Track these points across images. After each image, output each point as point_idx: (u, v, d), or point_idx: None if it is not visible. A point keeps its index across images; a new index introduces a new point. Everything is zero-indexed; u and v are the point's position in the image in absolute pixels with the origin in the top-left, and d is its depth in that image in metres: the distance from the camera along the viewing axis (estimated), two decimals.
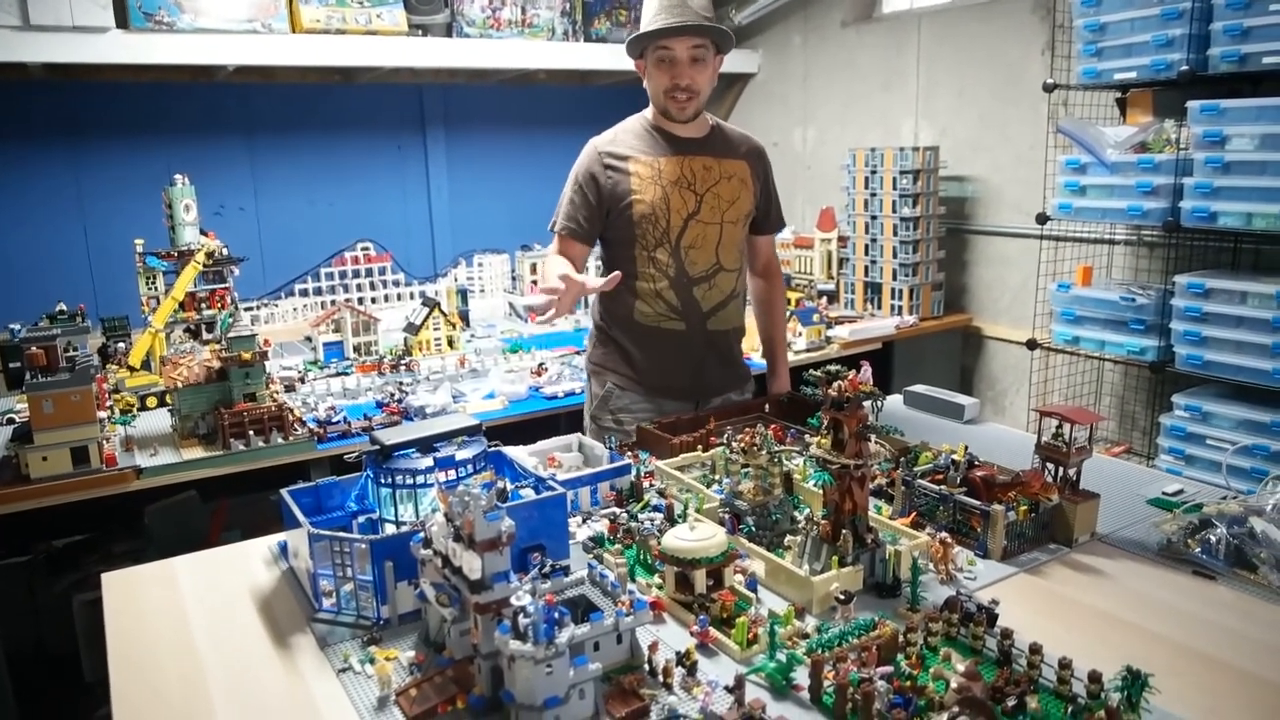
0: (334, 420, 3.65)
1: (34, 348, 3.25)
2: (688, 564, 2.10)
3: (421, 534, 2.01)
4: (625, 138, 2.96)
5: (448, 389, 4.01)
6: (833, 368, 2.34)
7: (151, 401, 3.90)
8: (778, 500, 2.49)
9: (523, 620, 1.63)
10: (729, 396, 3.42)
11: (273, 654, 2.04)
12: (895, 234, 5.42)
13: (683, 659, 1.90)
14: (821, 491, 2.33)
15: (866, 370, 2.25)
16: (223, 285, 4.35)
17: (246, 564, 2.49)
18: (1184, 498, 2.71)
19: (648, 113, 3.01)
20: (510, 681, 1.66)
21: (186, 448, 3.43)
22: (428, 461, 2.32)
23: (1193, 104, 3.84)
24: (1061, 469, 2.50)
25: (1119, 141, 4.15)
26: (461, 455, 2.37)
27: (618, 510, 2.61)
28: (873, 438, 2.26)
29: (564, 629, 1.66)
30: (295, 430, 3.42)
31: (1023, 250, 5.30)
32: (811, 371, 2.36)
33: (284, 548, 2.52)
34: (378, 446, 2.34)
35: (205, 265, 4.11)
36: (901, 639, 1.93)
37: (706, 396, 3.34)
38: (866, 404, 2.21)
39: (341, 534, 2.12)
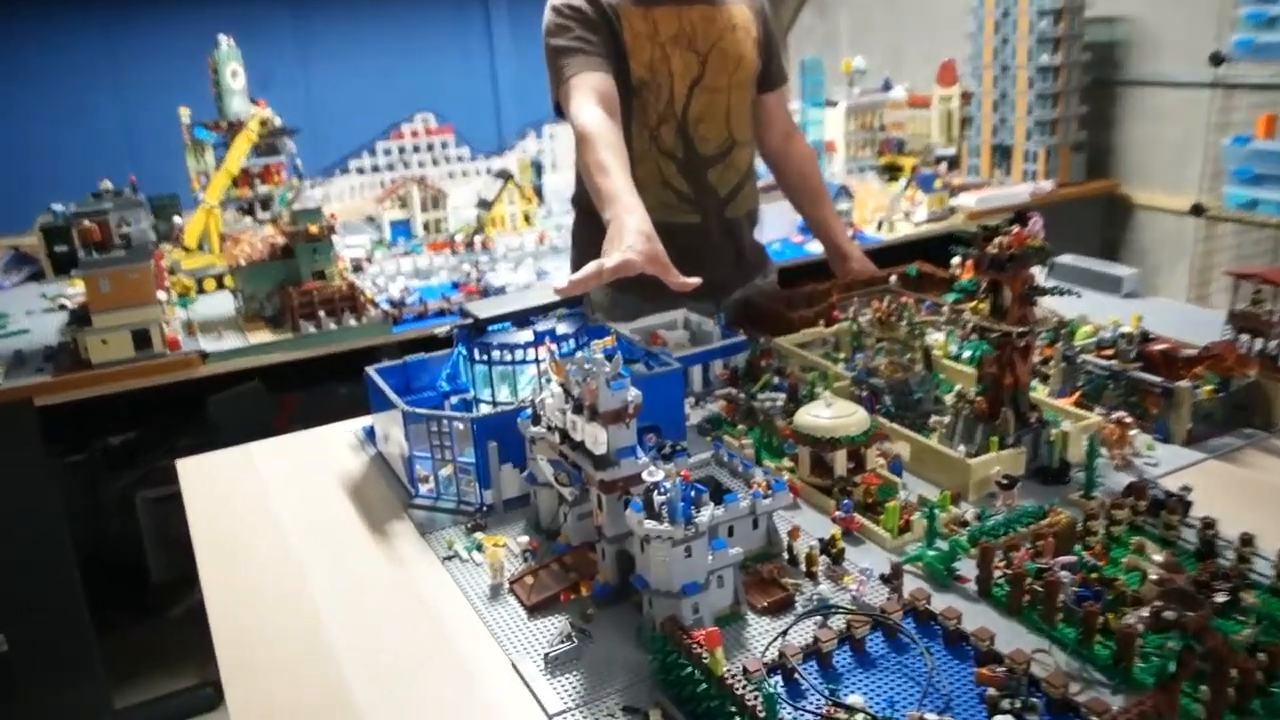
0: (408, 301, 3.63)
1: (87, 223, 3.25)
2: (825, 444, 2.03)
3: (529, 410, 1.97)
4: None
5: (530, 266, 3.95)
6: (992, 222, 2.21)
7: (210, 284, 3.93)
8: (918, 377, 2.41)
9: (658, 498, 1.59)
10: (753, 284, 3.24)
11: (370, 542, 2.05)
12: (1030, 87, 5.11)
13: (827, 546, 1.84)
14: (977, 365, 2.22)
15: (1037, 222, 2.10)
16: (277, 159, 4.31)
17: (329, 450, 2.50)
18: None
19: None
20: (643, 566, 1.63)
21: (252, 331, 3.43)
22: (526, 336, 2.29)
23: None
24: (1261, 341, 2.33)
25: None
26: (562, 329, 2.33)
27: (733, 390, 2.57)
28: (1039, 302, 2.13)
29: (703, 508, 1.60)
30: (369, 311, 3.41)
31: (1185, 102, 4.93)
32: (965, 229, 2.21)
33: (370, 432, 2.53)
34: (471, 320, 2.32)
35: (259, 135, 4.07)
36: (1080, 528, 1.84)
37: (726, 293, 3.14)
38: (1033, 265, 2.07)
39: (440, 413, 2.11)
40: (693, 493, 1.62)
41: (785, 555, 1.87)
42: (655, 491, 1.60)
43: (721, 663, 1.39)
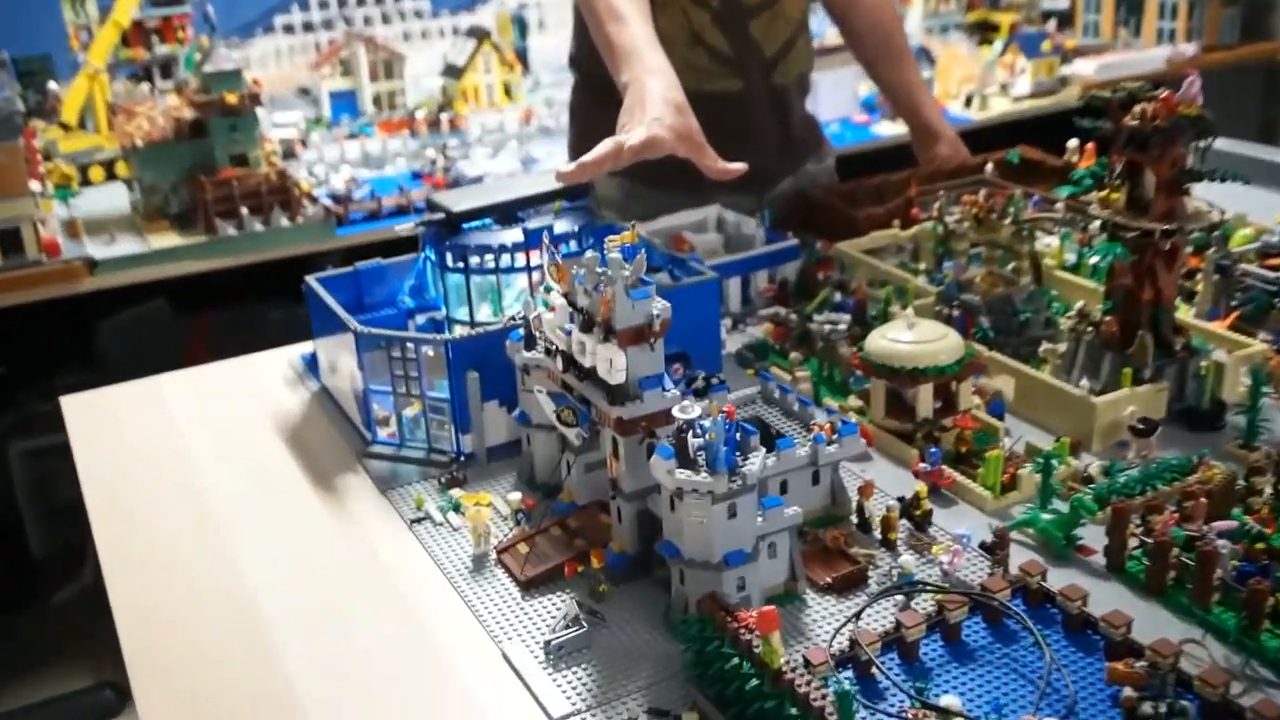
0: (356, 196, 3.61)
1: None
2: (906, 377, 2.00)
3: (521, 331, 1.94)
4: None
5: (513, 152, 3.90)
6: (1131, 85, 2.15)
7: (97, 173, 3.88)
8: (1025, 292, 2.37)
9: (694, 441, 1.56)
10: (805, 171, 3.21)
11: (315, 502, 2.05)
12: None
13: (909, 508, 1.83)
14: (1105, 275, 2.18)
15: (1194, 83, 2.04)
16: (180, 9, 4.24)
17: (258, 385, 2.49)
18: None
19: None
20: (672, 529, 1.61)
21: (154, 233, 3.41)
22: (514, 235, 2.27)
23: None
24: None
25: None
26: (561, 228, 2.29)
27: (781, 310, 2.55)
28: (1192, 191, 2.08)
29: (752, 454, 1.58)
30: (305, 209, 3.36)
31: None
32: (1097, 95, 2.16)
33: (311, 362, 2.51)
34: (442, 216, 2.28)
35: None
36: (1241, 486, 1.82)
37: (772, 183, 3.09)
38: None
39: (404, 334, 2.09)
40: (739, 435, 1.59)
41: (854, 519, 1.86)
42: (690, 433, 1.57)
43: (779, 652, 1.38)
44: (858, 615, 1.61)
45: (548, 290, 1.82)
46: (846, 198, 2.97)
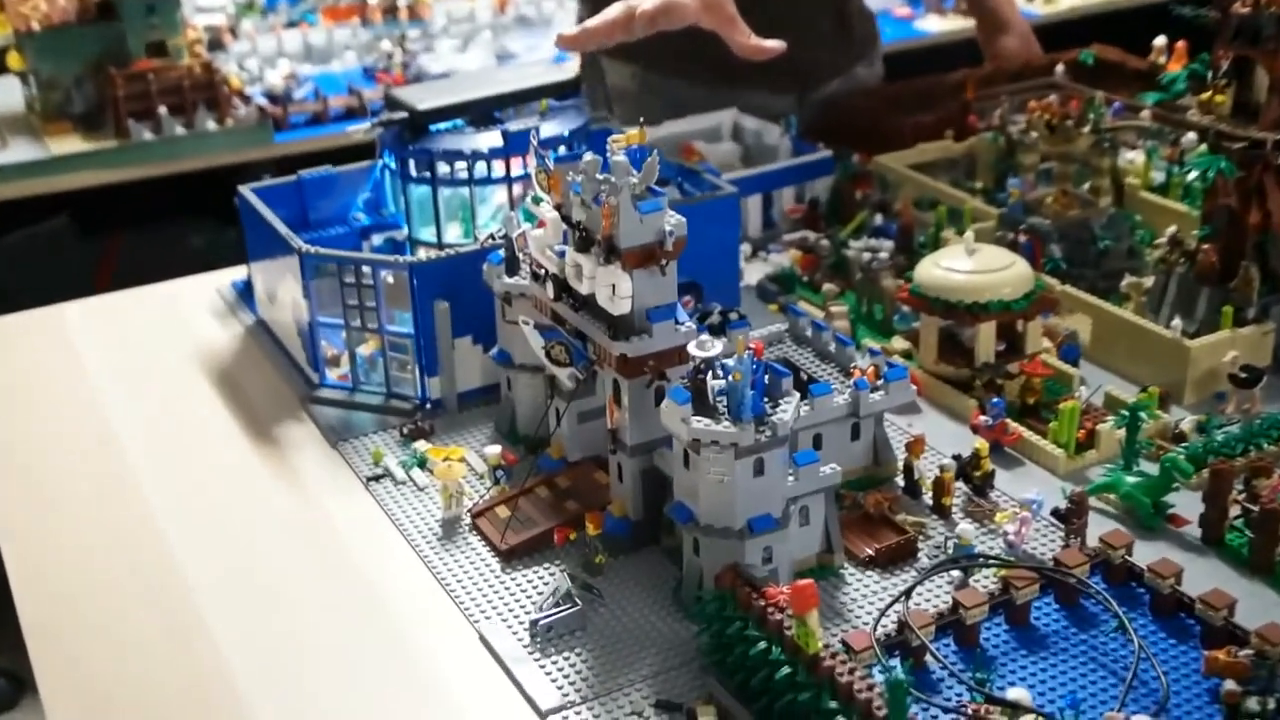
0: (296, 95, 3.59)
1: None
2: (964, 313, 1.99)
3: (501, 252, 1.92)
4: None
5: (487, 45, 3.86)
6: None
7: None
8: (1104, 216, 2.36)
9: (714, 383, 1.54)
10: (854, 74, 3.18)
11: (252, 456, 2.04)
12: None
13: (967, 468, 1.82)
14: (1202, 196, 2.17)
15: None
16: None
17: (180, 316, 2.48)
18: None
19: None
20: (685, 489, 1.59)
21: (54, 136, 3.40)
22: (491, 139, 2.24)
23: None
24: None
25: None
26: (550, 130, 2.27)
27: (811, 235, 2.54)
28: None
29: (784, 400, 1.57)
30: (236, 109, 3.36)
31: None
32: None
33: (245, 290, 2.50)
34: (404, 114, 2.26)
35: None
36: None
37: (816, 81, 3.07)
38: None
39: (359, 255, 2.06)
40: (767, 377, 1.58)
41: (901, 481, 1.85)
42: (710, 374, 1.55)
43: (816, 635, 1.36)
44: (908, 593, 1.60)
45: (536, 202, 1.79)
46: (889, 102, 2.94)
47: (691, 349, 1.58)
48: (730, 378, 1.51)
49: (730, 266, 2.24)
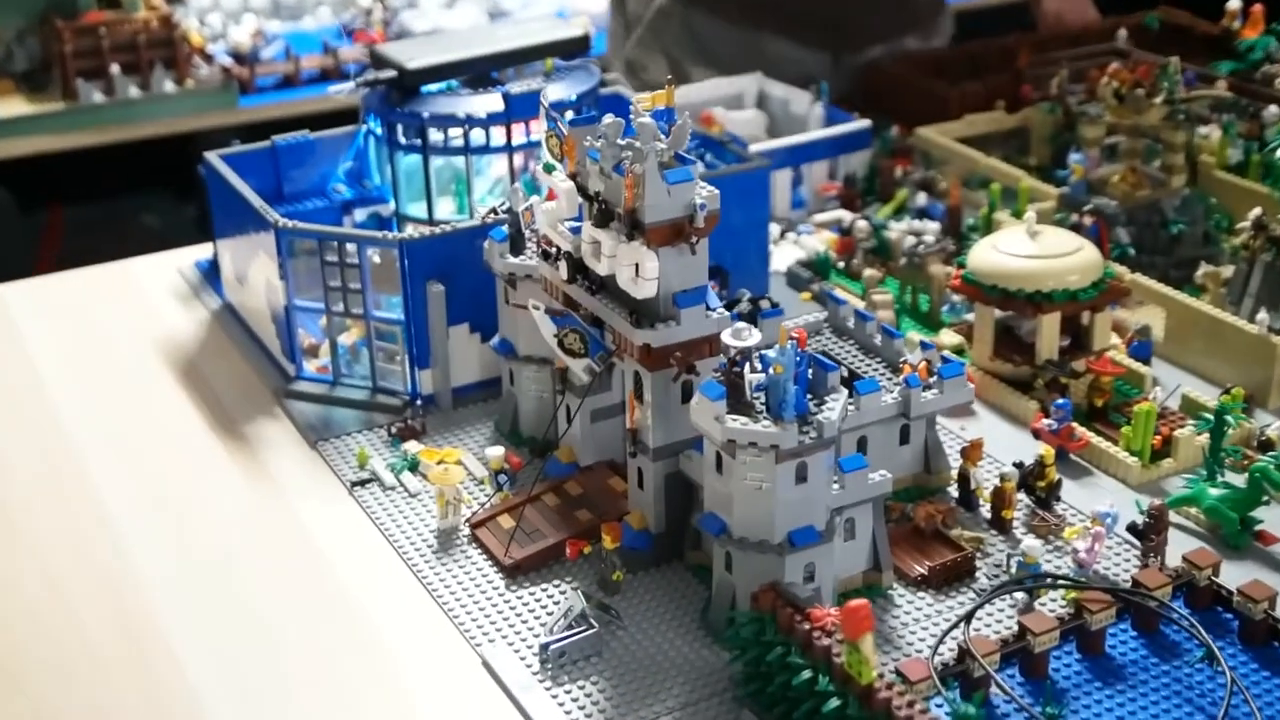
0: (265, 55, 3.59)
1: None
2: (1025, 303, 1.98)
3: (504, 228, 1.90)
4: None
5: (478, 1, 3.84)
6: None
7: None
8: (1178, 197, 2.35)
9: (752, 377, 1.52)
10: (901, 44, 3.17)
11: (220, 455, 2.02)
12: None
13: (1030, 478, 1.80)
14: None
15: None
16: None
17: (137, 299, 2.47)
18: None
19: None
20: (717, 499, 1.57)
21: None
22: (491, 103, 2.23)
23: None
24: None
25: None
26: (556, 93, 2.25)
27: (846, 215, 2.53)
28: None
29: (830, 397, 1.55)
30: (197, 69, 3.37)
31: None
32: None
33: (210, 269, 2.50)
34: (392, 73, 2.25)
35: None
36: None
37: (861, 42, 3.06)
38: None
39: (343, 231, 2.05)
40: (811, 371, 1.56)
41: (954, 490, 1.83)
42: (747, 366, 1.53)
43: (871, 663, 1.34)
44: (969, 617, 1.57)
45: (548, 170, 1.77)
46: (931, 69, 2.93)
47: (726, 338, 1.56)
48: (771, 371, 1.49)
49: (759, 249, 2.23)
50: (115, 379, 2.23)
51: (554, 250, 1.77)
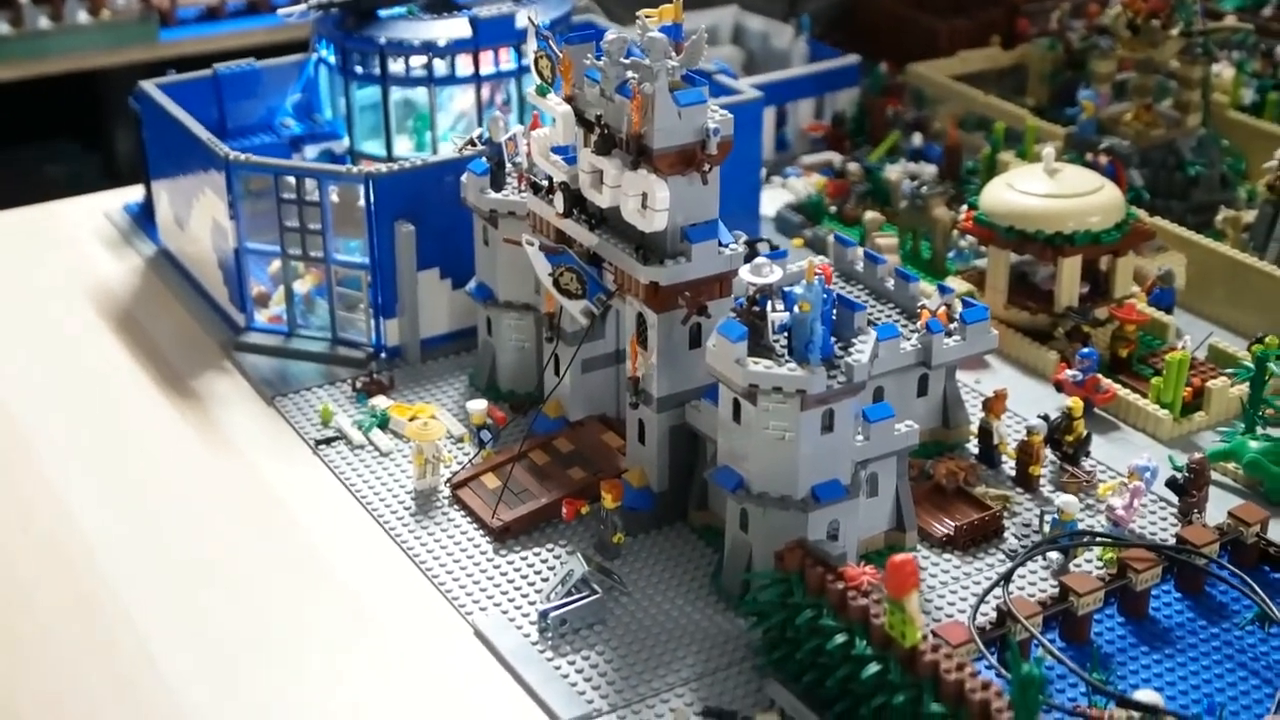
0: None
1: None
2: (1043, 245, 1.97)
3: (485, 159, 1.86)
4: None
5: None
6: None
7: None
8: (1194, 137, 2.35)
9: (775, 316, 1.48)
10: None
11: (168, 411, 1.98)
12: None
13: (1056, 432, 1.79)
14: None
15: None
16: None
17: (60, 246, 2.44)
18: None
19: None
20: (735, 450, 1.54)
21: None
22: (456, 28, 2.19)
23: None
24: None
25: None
26: (524, 19, 2.21)
27: (835, 157, 2.52)
28: None
29: (858, 340, 1.52)
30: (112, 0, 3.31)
31: None
32: None
33: (143, 213, 2.46)
34: None
35: None
36: None
37: None
38: None
39: (304, 165, 2.01)
40: (835, 311, 1.53)
41: (973, 445, 1.82)
42: (770, 306, 1.50)
43: (917, 624, 1.31)
44: (1007, 577, 1.55)
45: (542, 93, 1.72)
46: (918, 1, 2.92)
47: (745, 274, 1.52)
48: (797, 308, 1.46)
49: (750, 189, 2.21)
50: (46, 333, 2.18)
51: (546, 183, 1.73)
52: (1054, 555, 1.63)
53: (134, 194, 2.44)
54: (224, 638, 1.58)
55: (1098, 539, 1.63)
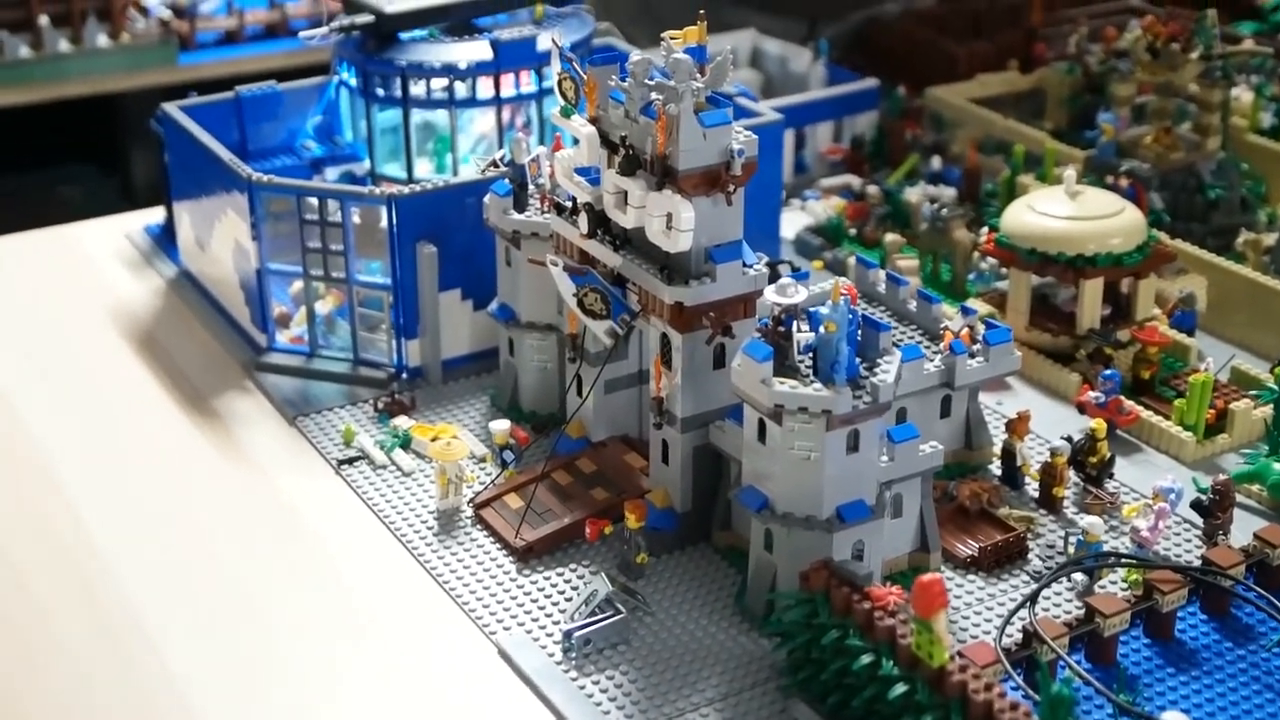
0: (205, 8, 3.52)
1: None
2: (1065, 267, 1.97)
3: (506, 180, 1.87)
4: None
5: None
6: None
7: None
8: (1214, 161, 2.36)
9: (800, 337, 1.49)
10: (886, 7, 3.16)
11: (190, 432, 1.99)
12: None
13: (1080, 453, 1.79)
14: None
15: None
16: None
17: (84, 267, 2.44)
18: None
19: None
20: (760, 470, 1.54)
21: None
22: (477, 51, 2.20)
23: None
24: None
25: None
26: (548, 42, 2.22)
27: (854, 180, 2.52)
28: None
29: (883, 360, 1.52)
30: (133, 22, 3.34)
31: None
32: None
33: (163, 234, 2.47)
34: (369, 18, 2.21)
35: None
36: None
37: (839, 8, 3.09)
38: None
39: (326, 186, 2.02)
40: (860, 332, 1.53)
41: (996, 466, 1.82)
42: (795, 327, 1.50)
43: (944, 644, 1.31)
44: (1033, 598, 1.55)
45: (566, 114, 1.73)
46: (936, 25, 2.93)
47: (770, 295, 1.53)
48: (822, 329, 1.46)
49: (770, 212, 2.22)
50: (68, 354, 2.19)
51: (569, 204, 1.73)
52: (1079, 576, 1.63)
53: (153, 216, 2.44)
54: (248, 657, 1.58)
55: (1123, 560, 1.63)
